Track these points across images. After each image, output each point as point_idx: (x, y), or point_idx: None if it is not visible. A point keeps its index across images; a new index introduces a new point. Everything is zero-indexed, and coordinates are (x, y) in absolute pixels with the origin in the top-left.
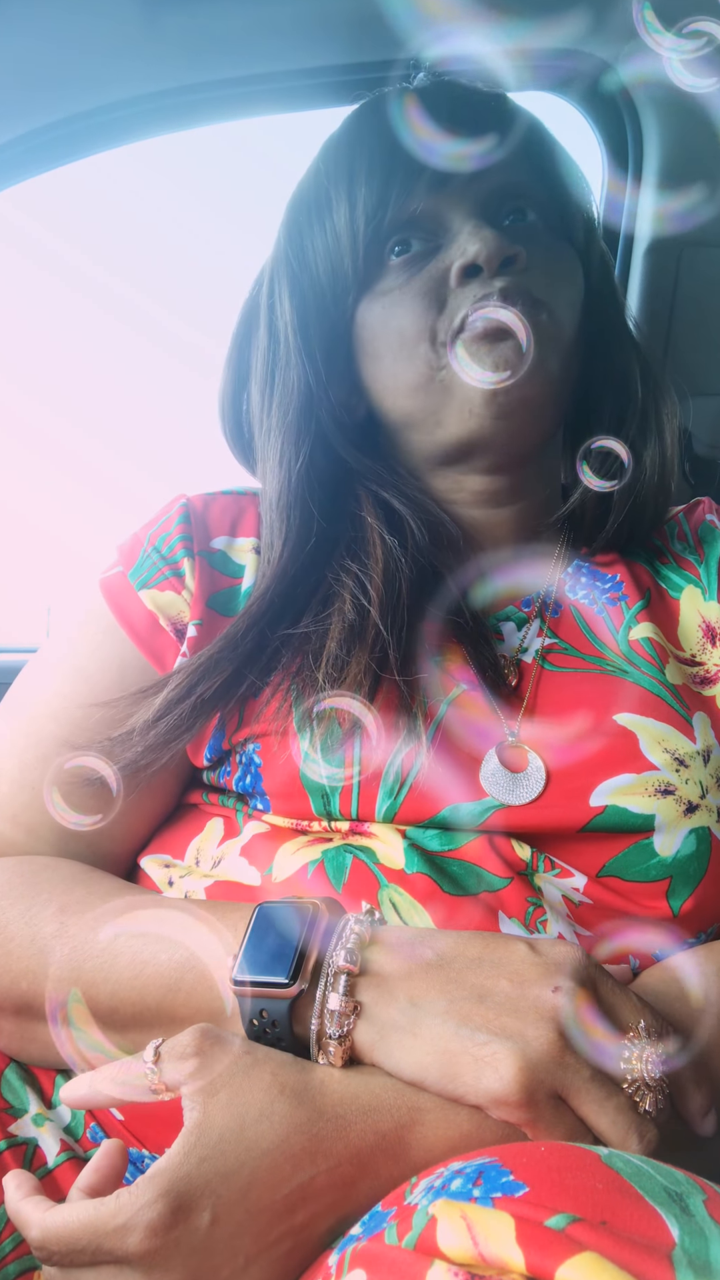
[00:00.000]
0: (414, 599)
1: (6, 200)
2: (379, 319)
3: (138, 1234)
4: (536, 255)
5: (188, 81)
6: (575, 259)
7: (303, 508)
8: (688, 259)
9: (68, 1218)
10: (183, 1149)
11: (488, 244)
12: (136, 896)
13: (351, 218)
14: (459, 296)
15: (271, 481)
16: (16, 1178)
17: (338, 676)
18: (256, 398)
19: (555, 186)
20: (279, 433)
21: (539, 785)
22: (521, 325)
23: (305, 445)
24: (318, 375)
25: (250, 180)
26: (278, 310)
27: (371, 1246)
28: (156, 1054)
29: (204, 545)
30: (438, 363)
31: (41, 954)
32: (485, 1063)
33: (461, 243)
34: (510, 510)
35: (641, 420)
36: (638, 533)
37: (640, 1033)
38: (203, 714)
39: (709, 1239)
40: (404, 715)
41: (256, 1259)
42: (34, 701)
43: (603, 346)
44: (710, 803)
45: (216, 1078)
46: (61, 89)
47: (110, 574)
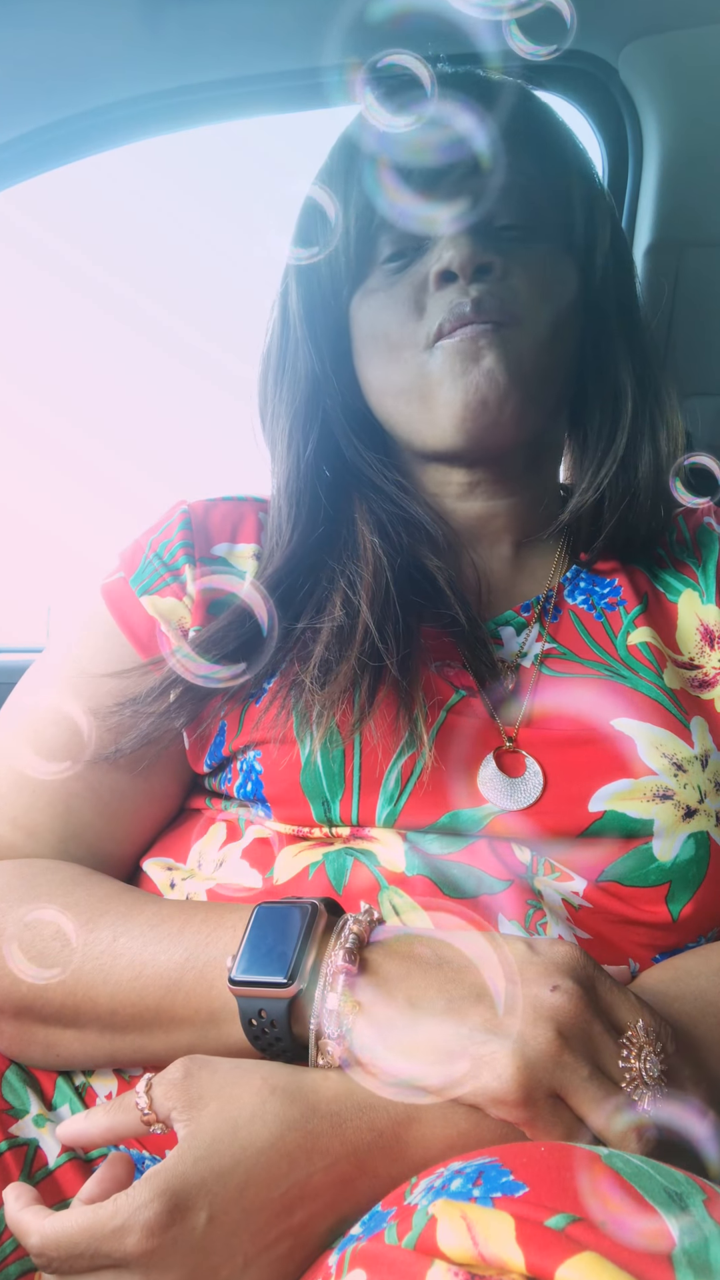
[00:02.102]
0: (406, 602)
1: (6, 200)
2: (368, 318)
3: (135, 1234)
4: (520, 262)
5: (188, 81)
6: (568, 265)
7: (312, 494)
8: (688, 259)
9: (66, 1223)
10: (178, 1153)
11: (462, 251)
12: (136, 898)
13: (345, 214)
14: (437, 302)
15: (280, 468)
16: (15, 1189)
17: (326, 679)
18: (270, 383)
19: (559, 189)
20: (287, 418)
21: (536, 790)
22: (488, 339)
23: (313, 432)
24: (323, 365)
25: (250, 180)
26: (289, 299)
27: (371, 1246)
28: (148, 1085)
29: (205, 551)
30: (417, 369)
31: (41, 956)
32: (484, 1062)
33: (439, 248)
34: (503, 504)
35: (634, 426)
36: (638, 539)
37: (639, 1032)
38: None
39: (709, 1239)
40: (403, 721)
41: (255, 1259)
42: (35, 705)
43: (600, 351)
44: (709, 807)
45: (204, 1095)
46: (61, 89)
47: (112, 580)
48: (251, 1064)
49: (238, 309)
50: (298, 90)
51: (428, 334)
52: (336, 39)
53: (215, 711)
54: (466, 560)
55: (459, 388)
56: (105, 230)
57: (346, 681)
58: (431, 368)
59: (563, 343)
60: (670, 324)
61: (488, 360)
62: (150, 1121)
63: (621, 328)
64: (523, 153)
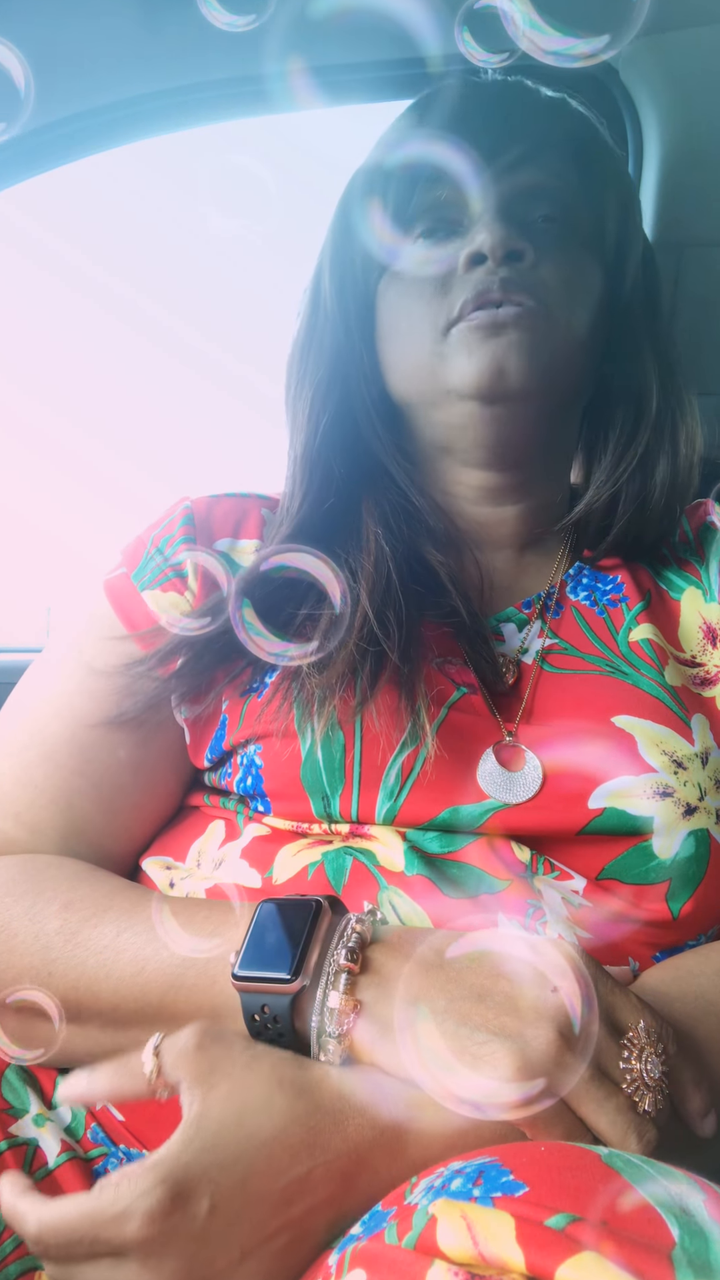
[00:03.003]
0: (408, 592)
1: (7, 200)
2: (394, 299)
3: (135, 1221)
4: (550, 256)
5: (188, 81)
6: (598, 267)
7: (325, 466)
8: (688, 259)
9: (65, 1210)
10: (182, 1139)
11: (494, 234)
12: (139, 894)
13: (384, 199)
14: (463, 283)
15: (298, 436)
16: (10, 1178)
17: (324, 664)
18: (297, 361)
19: (593, 195)
20: (309, 388)
21: (535, 784)
22: (514, 316)
23: (331, 405)
24: (350, 340)
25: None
26: (323, 277)
27: (371, 1246)
28: (156, 1051)
29: (207, 547)
30: (435, 349)
31: (45, 951)
32: (484, 1062)
33: (474, 232)
34: (513, 510)
35: (656, 427)
36: (644, 541)
37: (639, 1033)
38: (211, 653)
39: (709, 1239)
40: (405, 713)
41: (254, 1251)
42: (37, 701)
43: (624, 358)
44: (709, 805)
45: (216, 1072)
46: (61, 89)
47: (114, 575)
48: (263, 1049)
49: (237, 309)
50: (298, 90)
51: (449, 315)
52: (336, 39)
53: (216, 694)
54: (469, 558)
55: (476, 356)
56: (105, 230)
57: (345, 667)
58: (450, 343)
59: (585, 340)
60: (670, 324)
61: (510, 335)
62: (157, 1086)
63: (649, 332)
64: (564, 154)
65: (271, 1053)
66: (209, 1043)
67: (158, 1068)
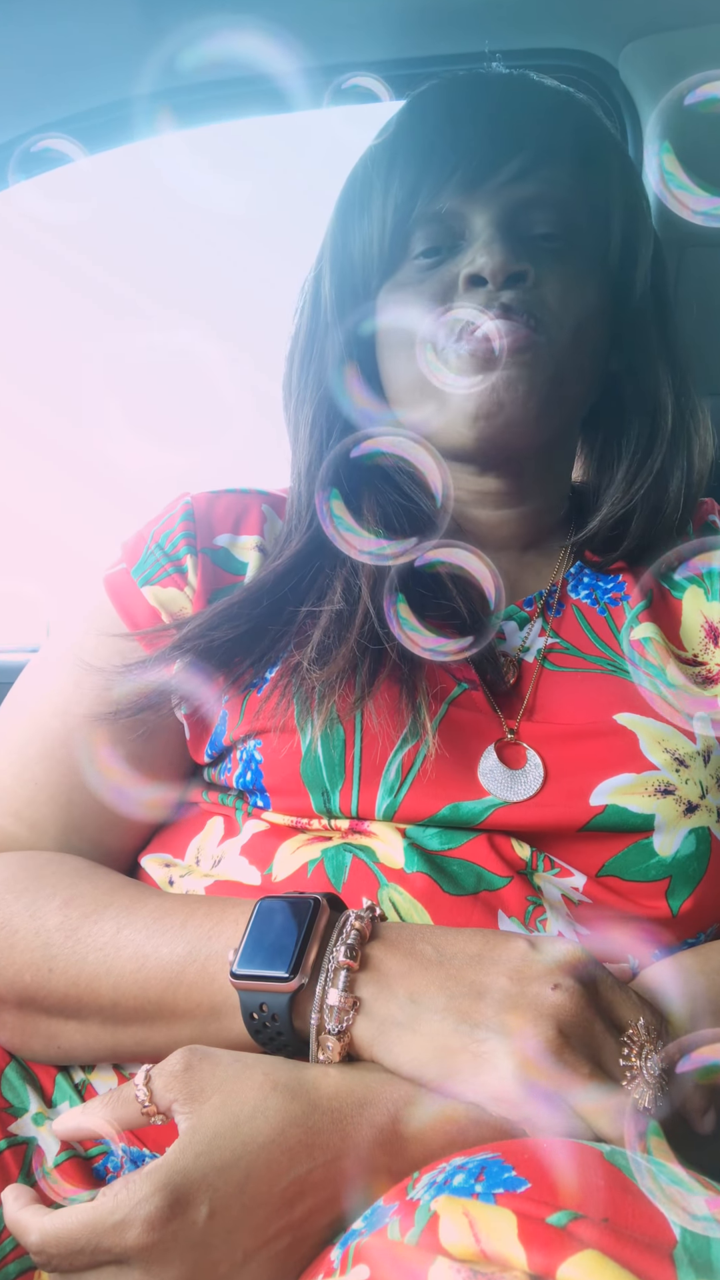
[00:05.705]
0: (409, 591)
1: (6, 200)
2: (393, 312)
3: (136, 1228)
4: (552, 272)
5: (188, 82)
6: (603, 280)
7: (331, 483)
8: (688, 259)
9: (66, 1219)
10: (179, 1147)
11: (494, 258)
12: (140, 891)
13: (383, 207)
14: (462, 306)
15: (302, 451)
16: (14, 1190)
17: (325, 661)
18: (297, 366)
19: (598, 201)
20: (311, 405)
21: (537, 782)
22: (511, 344)
23: (337, 426)
24: (352, 356)
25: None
26: (323, 285)
27: (374, 1242)
28: (147, 1076)
29: (207, 542)
30: (431, 367)
31: (45, 947)
32: (484, 1059)
33: (473, 252)
34: (514, 513)
35: (672, 442)
36: (651, 549)
37: (640, 1031)
38: (214, 658)
39: (710, 1238)
40: (405, 709)
41: (255, 1254)
42: (37, 697)
43: (636, 369)
44: (710, 803)
45: (206, 1088)
46: (61, 89)
47: (114, 570)
48: (253, 1058)
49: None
50: (298, 90)
51: (447, 335)
52: (337, 39)
53: (218, 695)
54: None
55: (474, 390)
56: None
57: (346, 663)
58: (447, 362)
59: (586, 356)
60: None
61: (507, 365)
62: (150, 1113)
63: (661, 343)
64: (569, 160)
65: (263, 1060)
66: (196, 1062)
67: (150, 1095)
